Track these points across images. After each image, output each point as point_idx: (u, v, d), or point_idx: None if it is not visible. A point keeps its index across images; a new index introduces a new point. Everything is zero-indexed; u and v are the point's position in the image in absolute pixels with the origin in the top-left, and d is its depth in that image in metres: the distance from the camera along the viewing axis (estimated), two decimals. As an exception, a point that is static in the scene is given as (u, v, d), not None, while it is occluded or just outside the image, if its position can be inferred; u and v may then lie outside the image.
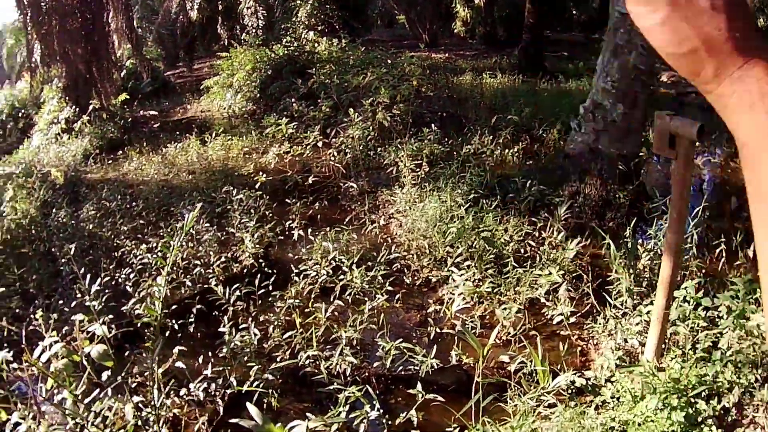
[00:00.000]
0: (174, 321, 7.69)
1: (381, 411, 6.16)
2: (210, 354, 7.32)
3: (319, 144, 14.99)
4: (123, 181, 15.96)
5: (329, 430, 5.92)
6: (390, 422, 6.24)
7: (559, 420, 5.74)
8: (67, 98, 23.06)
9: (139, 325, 6.37)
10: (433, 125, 14.32)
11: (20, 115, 27.88)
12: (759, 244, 1.08)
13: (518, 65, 25.73)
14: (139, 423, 5.69)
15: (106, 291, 6.75)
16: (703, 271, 8.10)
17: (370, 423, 6.08)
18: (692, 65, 1.10)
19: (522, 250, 9.25)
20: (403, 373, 7.07)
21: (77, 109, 22.42)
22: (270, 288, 8.55)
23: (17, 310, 9.25)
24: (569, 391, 6.31)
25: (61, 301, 9.17)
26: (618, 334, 7.00)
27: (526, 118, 15.98)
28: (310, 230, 10.51)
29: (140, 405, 5.90)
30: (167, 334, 5.86)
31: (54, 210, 13.00)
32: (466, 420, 5.93)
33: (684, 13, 1.07)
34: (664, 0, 1.08)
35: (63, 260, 10.68)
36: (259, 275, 8.71)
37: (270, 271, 9.19)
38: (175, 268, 6.05)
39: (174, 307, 7.63)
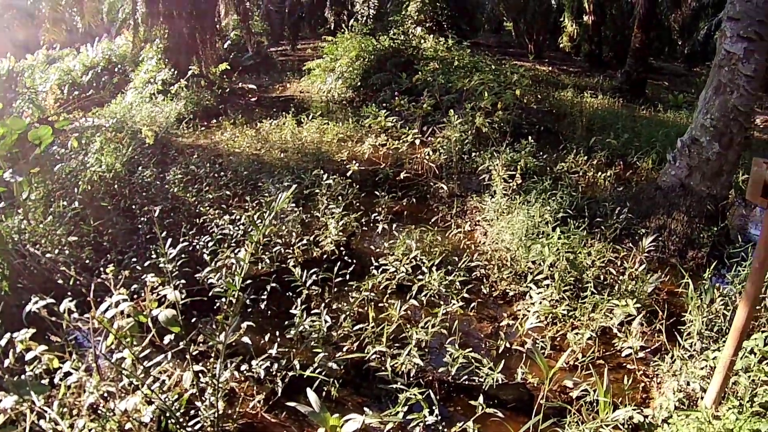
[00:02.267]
0: (247, 295, 7.79)
1: (439, 417, 6.21)
2: (277, 333, 7.47)
3: (416, 141, 14.98)
4: (214, 150, 16.20)
5: (384, 429, 6.02)
6: (446, 429, 6.29)
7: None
8: (166, 60, 23.48)
9: (210, 294, 6.46)
10: (530, 137, 14.33)
11: (116, 70, 28.14)
12: None
13: (620, 88, 25.53)
14: (196, 392, 5.82)
15: (182, 256, 6.84)
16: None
17: (426, 427, 6.17)
18: None
19: (602, 277, 9.22)
20: (466, 382, 7.11)
21: (176, 72, 22.82)
22: (347, 277, 8.67)
23: (87, 261, 9.47)
24: (626, 426, 6.32)
25: (134, 259, 9.33)
26: (682, 376, 6.96)
27: (623, 144, 15.89)
28: (395, 225, 10.69)
29: (200, 374, 6.04)
30: (236, 304, 5.93)
31: (140, 168, 13.17)
32: (522, 440, 5.97)
33: None
34: None
35: (142, 219, 10.85)
36: (338, 263, 8.87)
37: (349, 261, 9.33)
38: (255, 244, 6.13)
39: (248, 281, 7.73)
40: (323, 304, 8.08)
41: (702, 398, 6.51)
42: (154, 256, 8.49)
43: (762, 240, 5.81)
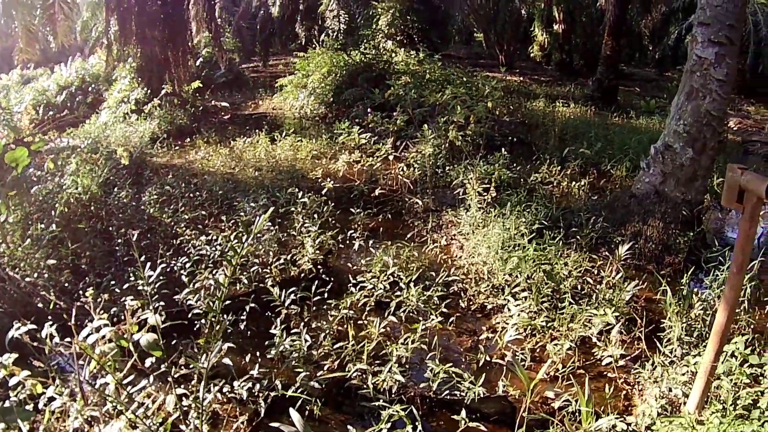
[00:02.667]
0: (226, 317, 7.75)
1: (421, 433, 6.21)
2: (258, 354, 7.44)
3: (390, 157, 15.03)
4: (188, 169, 16.18)
5: (368, 446, 6.00)
6: (429, 445, 6.29)
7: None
8: (139, 79, 23.43)
9: (189, 315, 6.44)
10: (503, 149, 14.38)
11: (90, 89, 28.02)
12: None
13: (591, 96, 25.67)
14: (179, 415, 5.80)
15: (160, 278, 6.82)
16: (752, 326, 8.08)
17: (409, 443, 6.16)
18: None
19: (579, 287, 9.23)
20: (448, 397, 7.10)
21: (149, 91, 22.79)
22: (325, 295, 8.62)
23: (66, 285, 9.42)
24: (609, 435, 6.33)
25: (112, 282, 9.20)
26: (663, 382, 6.99)
27: (596, 152, 15.97)
28: (371, 242, 10.66)
29: (183, 397, 6.01)
30: (218, 328, 5.88)
31: (116, 189, 13.10)
32: (506, 453, 5.97)
33: None
34: None
35: (119, 241, 10.79)
36: (316, 281, 8.81)
37: (327, 279, 9.34)
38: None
39: (227, 302, 7.70)
40: (302, 323, 8.08)
41: (685, 404, 6.54)
42: (132, 278, 8.47)
43: (739, 244, 5.86)
